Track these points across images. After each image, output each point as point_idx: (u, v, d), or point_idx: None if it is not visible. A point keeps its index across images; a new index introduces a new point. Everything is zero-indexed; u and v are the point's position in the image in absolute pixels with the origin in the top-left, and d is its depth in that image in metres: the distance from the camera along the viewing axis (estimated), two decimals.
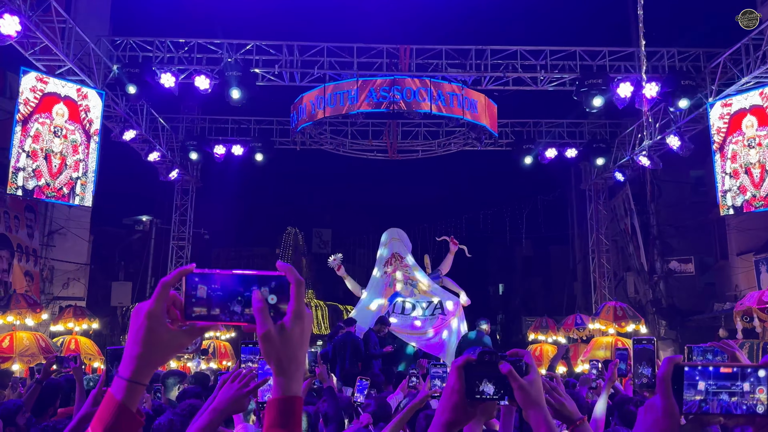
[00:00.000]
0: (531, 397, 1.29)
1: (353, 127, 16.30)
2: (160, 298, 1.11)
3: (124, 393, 1.09)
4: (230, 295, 1.11)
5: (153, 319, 1.10)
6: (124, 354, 1.11)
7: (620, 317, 13.23)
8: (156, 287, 1.11)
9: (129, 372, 1.10)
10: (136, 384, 1.10)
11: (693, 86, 12.48)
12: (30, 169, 11.00)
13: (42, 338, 11.45)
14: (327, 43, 13.42)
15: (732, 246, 18.36)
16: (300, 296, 1.10)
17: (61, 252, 17.09)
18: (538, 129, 16.89)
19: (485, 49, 13.45)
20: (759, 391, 1.12)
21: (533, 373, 1.31)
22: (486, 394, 1.30)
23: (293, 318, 1.09)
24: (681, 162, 15.65)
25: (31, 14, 9.94)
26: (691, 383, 1.13)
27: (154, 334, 1.10)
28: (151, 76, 12.36)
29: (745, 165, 11.92)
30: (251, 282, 1.11)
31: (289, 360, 1.09)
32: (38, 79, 11.11)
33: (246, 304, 1.11)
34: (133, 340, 1.10)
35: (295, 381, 1.10)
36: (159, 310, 1.10)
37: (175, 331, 1.12)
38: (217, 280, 1.12)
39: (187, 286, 1.12)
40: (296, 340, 1.09)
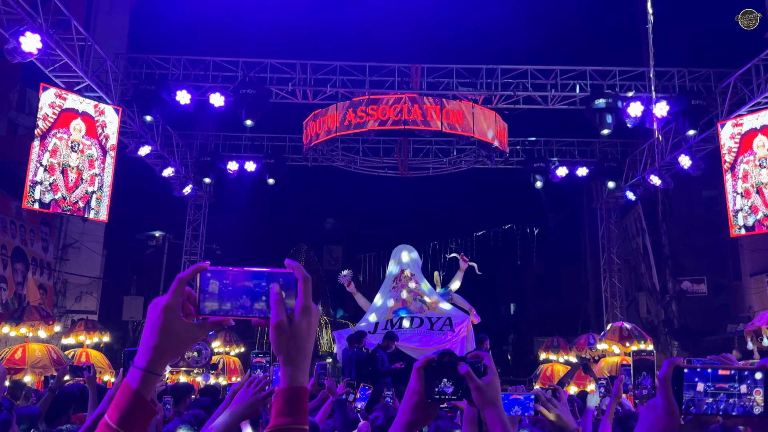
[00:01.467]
0: (487, 397, 1.32)
1: (365, 144, 16.43)
2: (176, 293, 1.17)
3: (140, 382, 1.15)
4: (241, 290, 1.18)
5: (169, 312, 1.16)
6: (140, 345, 1.18)
7: (626, 337, 13.16)
8: (173, 283, 1.18)
9: (145, 362, 1.16)
10: (151, 374, 1.16)
11: (704, 106, 12.50)
12: (47, 183, 11.20)
13: (54, 350, 11.55)
14: (339, 62, 13.62)
15: (745, 266, 18.20)
16: (307, 292, 1.17)
17: (75, 266, 17.28)
18: (549, 147, 16.93)
19: (496, 68, 13.57)
20: (756, 392, 1.17)
21: (491, 374, 1.35)
22: (445, 394, 1.33)
23: (301, 312, 1.16)
24: (694, 182, 15.61)
25: (52, 32, 10.20)
26: (690, 384, 1.18)
27: (169, 327, 1.16)
28: (167, 93, 12.58)
29: (757, 185, 11.88)
30: (261, 278, 1.18)
31: (296, 351, 1.15)
32: (57, 95, 11.36)
33: (255, 300, 1.17)
34: (150, 332, 1.17)
35: (301, 372, 1.16)
36: (175, 304, 1.17)
37: (189, 325, 1.18)
38: (229, 277, 1.18)
39: (201, 283, 1.19)
40: (303, 333, 1.16)
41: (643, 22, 12.80)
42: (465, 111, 12.79)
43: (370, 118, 12.62)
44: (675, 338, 18.75)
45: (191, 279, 1.19)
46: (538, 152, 16.77)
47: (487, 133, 13.07)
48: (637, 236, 19.50)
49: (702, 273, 19.33)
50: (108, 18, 17.79)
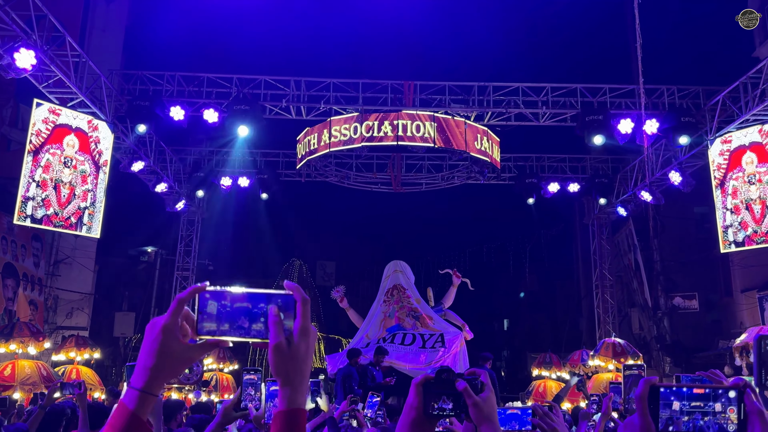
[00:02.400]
0: (484, 413, 1.34)
1: (358, 159, 16.49)
2: (174, 314, 1.17)
3: (137, 403, 1.14)
4: (239, 312, 1.18)
5: (167, 333, 1.16)
6: (137, 365, 1.18)
7: (619, 353, 13.17)
8: (172, 303, 1.18)
9: (141, 383, 1.16)
10: (147, 395, 1.15)
11: (693, 123, 12.65)
12: (39, 198, 11.18)
13: (44, 367, 11.45)
14: (333, 79, 13.71)
15: (736, 282, 18.29)
16: (306, 314, 1.17)
17: (66, 281, 17.17)
18: (541, 163, 17.04)
19: (487, 86, 13.70)
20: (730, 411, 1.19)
21: (487, 391, 1.37)
22: (443, 410, 1.35)
23: (300, 334, 1.16)
24: (685, 198, 15.74)
25: (46, 48, 10.23)
26: (666, 403, 1.20)
27: (167, 348, 1.16)
28: (161, 109, 12.62)
29: (746, 201, 12.00)
30: (260, 300, 1.18)
31: (295, 373, 1.16)
32: (50, 110, 11.38)
33: (253, 321, 1.18)
34: (147, 353, 1.16)
35: (300, 394, 1.17)
36: (173, 324, 1.17)
37: (187, 346, 1.19)
38: (228, 298, 1.19)
39: (199, 303, 1.19)
40: (302, 355, 1.16)
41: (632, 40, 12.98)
42: (458, 127, 12.89)
43: (362, 133, 12.69)
44: (667, 354, 18.77)
45: (190, 300, 1.19)
46: (530, 168, 16.88)
47: (479, 150, 13.17)
48: (629, 252, 19.60)
49: (693, 289, 19.41)
50: (103, 34, 17.87)
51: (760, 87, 11.53)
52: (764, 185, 11.77)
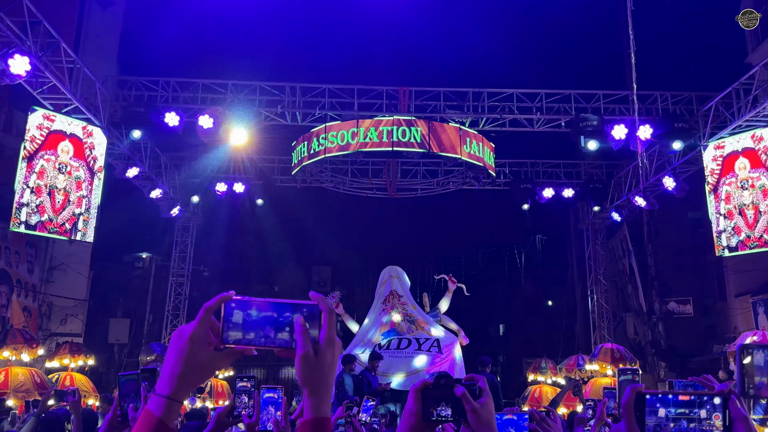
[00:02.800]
0: (482, 419, 1.35)
1: (353, 165, 16.51)
2: (202, 322, 1.19)
3: (164, 410, 1.15)
4: (265, 320, 1.20)
5: (195, 341, 1.17)
6: (163, 373, 1.19)
7: (618, 359, 13.25)
8: (199, 311, 1.20)
9: (169, 390, 1.16)
10: (174, 402, 1.17)
11: (686, 129, 12.73)
12: (33, 204, 11.15)
13: (37, 374, 11.38)
14: (328, 85, 13.74)
15: (730, 287, 18.37)
16: (332, 324, 1.20)
17: (61, 288, 17.10)
18: (536, 169, 17.10)
19: (482, 92, 13.76)
20: (715, 417, 1.21)
21: (485, 396, 1.37)
22: (441, 416, 1.35)
23: (326, 344, 1.18)
24: (679, 203, 15.81)
25: (40, 55, 10.23)
26: (652, 410, 1.22)
27: (195, 356, 1.17)
28: (156, 115, 12.61)
29: (739, 206, 12.07)
30: (285, 309, 1.20)
31: (321, 382, 1.18)
32: (45, 116, 11.36)
33: (279, 330, 1.19)
34: (174, 361, 1.18)
35: (325, 403, 1.19)
36: (201, 333, 1.18)
37: (214, 354, 1.20)
38: (253, 307, 1.21)
39: (225, 312, 1.20)
40: (328, 365, 1.18)
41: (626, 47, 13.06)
42: (452, 133, 12.93)
43: (359, 139, 12.72)
44: (662, 359, 18.81)
45: (217, 308, 1.20)
46: (525, 174, 16.93)
47: (474, 155, 13.21)
48: (624, 257, 19.65)
49: (688, 294, 19.48)
50: (97, 40, 17.86)
51: (752, 93, 11.62)
52: (757, 190, 11.84)
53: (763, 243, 11.71)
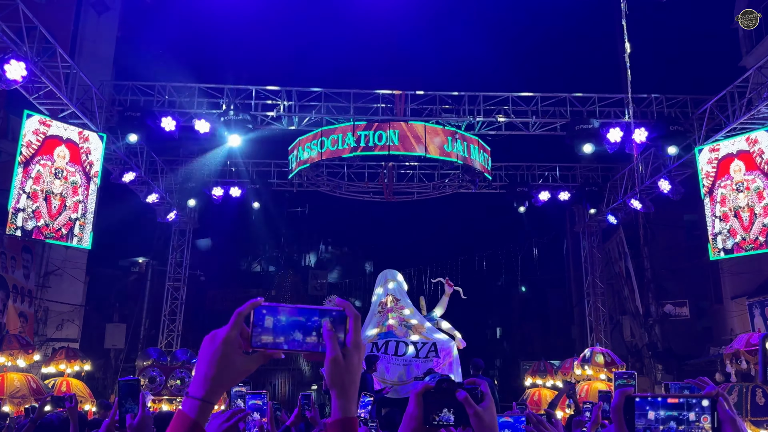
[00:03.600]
0: (485, 423, 1.34)
1: (349, 169, 16.52)
2: (235, 326, 1.23)
3: (198, 412, 1.19)
4: (293, 325, 1.25)
5: (228, 344, 1.22)
6: (196, 376, 1.23)
7: (610, 363, 13.45)
8: (232, 316, 1.24)
9: (202, 392, 1.20)
10: (208, 404, 1.21)
11: (681, 131, 12.79)
12: (30, 209, 11.13)
13: (33, 380, 11.34)
14: (324, 89, 13.76)
15: (726, 290, 18.42)
16: (357, 328, 1.25)
17: (57, 293, 17.05)
18: (532, 172, 17.14)
19: (478, 95, 13.80)
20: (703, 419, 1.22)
21: (488, 400, 1.37)
22: (443, 421, 1.35)
23: (353, 347, 1.23)
24: (675, 206, 15.87)
25: (37, 60, 10.23)
26: (641, 413, 1.23)
27: (228, 359, 1.22)
28: (152, 119, 12.61)
29: (734, 209, 12.12)
30: (313, 314, 1.25)
31: (349, 384, 1.23)
32: (41, 122, 11.35)
33: (307, 334, 1.24)
34: (207, 363, 1.21)
35: (353, 403, 1.24)
36: (234, 336, 1.23)
37: (246, 357, 1.24)
38: (282, 312, 1.25)
39: (254, 318, 1.25)
40: (355, 367, 1.23)
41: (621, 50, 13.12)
42: (449, 136, 12.95)
43: (355, 143, 12.74)
44: (659, 361, 18.84)
45: (248, 314, 1.25)
46: (521, 177, 16.97)
47: (470, 159, 13.23)
48: (620, 260, 19.70)
49: (684, 296, 19.53)
50: (93, 45, 17.86)
51: (747, 96, 11.68)
52: (752, 193, 11.89)
53: (758, 245, 11.76)
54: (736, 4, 17.14)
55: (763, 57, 12.00)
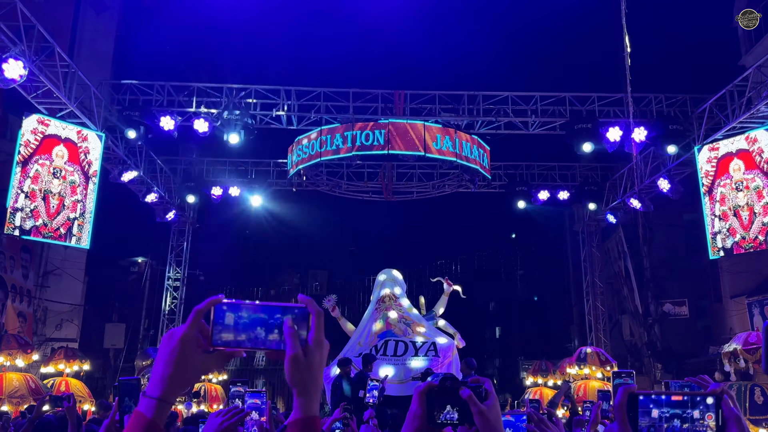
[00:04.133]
0: (489, 422, 1.32)
1: (349, 168, 16.51)
2: (193, 324, 1.20)
3: (154, 411, 1.17)
4: (255, 323, 1.21)
5: (186, 343, 1.19)
6: (153, 375, 1.20)
7: (604, 362, 13.55)
8: (190, 314, 1.21)
9: (159, 391, 1.18)
10: (165, 403, 1.18)
11: (681, 131, 12.78)
12: (28, 209, 11.11)
13: (32, 380, 11.33)
14: (324, 88, 13.75)
15: (725, 289, 18.41)
16: (320, 326, 1.21)
17: (56, 293, 17.03)
18: (531, 171, 17.13)
19: (477, 95, 13.79)
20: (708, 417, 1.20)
21: (492, 398, 1.35)
22: (447, 419, 1.33)
23: (314, 345, 1.20)
24: (674, 205, 15.86)
25: (35, 59, 10.21)
26: (645, 411, 1.21)
27: (186, 358, 1.19)
28: (151, 119, 12.59)
29: (734, 208, 12.11)
30: (275, 311, 1.22)
31: (310, 382, 1.19)
32: (39, 121, 11.33)
33: (269, 332, 1.21)
34: (165, 362, 1.19)
35: (314, 402, 1.21)
36: (192, 335, 1.20)
37: (204, 356, 1.21)
38: (243, 309, 1.22)
39: (215, 315, 1.22)
40: (316, 365, 1.20)
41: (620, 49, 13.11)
42: (448, 135, 12.94)
43: (354, 143, 12.73)
44: (658, 360, 18.84)
45: (207, 311, 1.22)
46: (521, 176, 16.96)
47: (469, 158, 13.22)
48: (619, 259, 19.70)
49: (683, 295, 19.53)
50: (92, 44, 17.83)
51: (746, 95, 11.68)
52: (752, 192, 11.88)
53: (758, 244, 11.75)
54: (736, 4, 17.14)
55: (762, 56, 12.00)
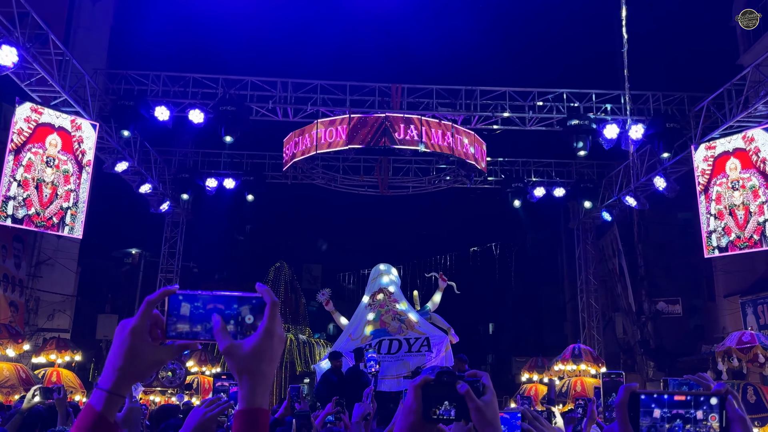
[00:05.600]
0: (486, 418, 1.29)
1: (345, 162, 16.46)
2: (143, 315, 1.17)
3: (104, 404, 1.14)
4: (211, 313, 1.18)
5: (136, 335, 1.16)
6: (106, 366, 1.16)
7: (596, 358, 13.67)
8: (141, 305, 1.17)
9: (109, 384, 1.15)
10: (115, 395, 1.15)
11: (678, 129, 12.77)
12: (20, 198, 11.01)
13: (23, 369, 11.26)
14: (320, 81, 13.67)
15: (719, 288, 18.47)
16: (273, 316, 1.17)
17: (48, 283, 16.93)
18: (527, 168, 17.12)
19: (475, 90, 13.74)
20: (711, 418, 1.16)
21: (489, 394, 1.32)
22: (443, 414, 1.30)
23: (264, 334, 1.15)
24: (669, 204, 15.88)
25: (29, 46, 10.10)
26: (646, 410, 1.17)
27: (136, 350, 1.16)
28: (146, 109, 12.49)
29: (730, 206, 12.12)
30: (232, 302, 1.19)
31: (253, 373, 1.14)
32: (33, 109, 11.21)
33: (225, 322, 1.17)
34: (116, 354, 1.16)
35: (259, 394, 1.15)
36: (142, 326, 1.16)
37: (156, 348, 1.18)
38: (200, 300, 1.19)
39: (169, 306, 1.18)
40: (262, 356, 1.15)
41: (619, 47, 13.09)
42: (445, 131, 12.89)
43: (351, 136, 12.67)
44: (650, 358, 18.90)
45: (159, 302, 1.19)
46: (516, 172, 16.94)
47: (466, 153, 13.19)
48: (614, 257, 19.71)
49: (677, 294, 19.57)
50: (87, 33, 17.68)
51: (744, 94, 11.67)
52: (748, 191, 11.89)
53: (753, 244, 11.76)
54: (735, 3, 17.13)
55: (760, 55, 11.99)
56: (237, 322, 1.17)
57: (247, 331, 1.17)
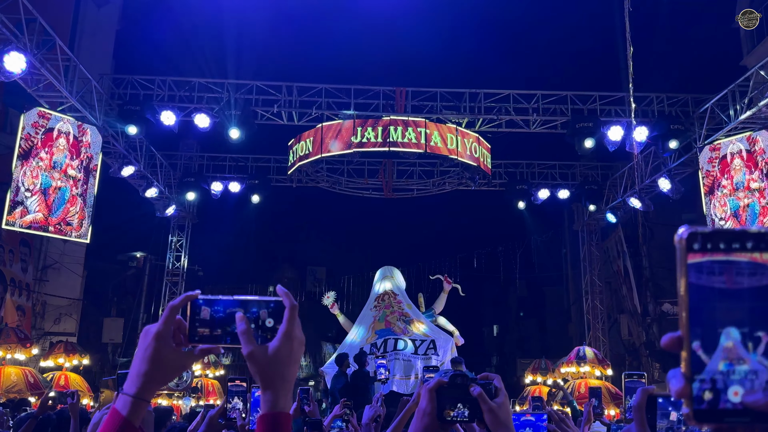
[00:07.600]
0: (500, 420, 1.32)
1: (349, 165, 16.49)
2: (168, 321, 1.19)
3: (130, 409, 1.16)
4: (232, 317, 1.19)
5: (161, 339, 1.18)
6: (130, 372, 1.19)
7: (601, 360, 13.62)
8: (164, 310, 1.20)
9: (135, 389, 1.17)
10: (140, 400, 1.17)
11: (682, 130, 12.77)
12: (28, 203, 11.08)
13: (31, 374, 11.32)
14: (325, 85, 13.72)
15: None
16: (292, 319, 1.18)
17: (55, 287, 17.02)
18: (531, 170, 17.12)
19: (479, 93, 13.76)
20: None
21: (502, 396, 1.34)
22: (457, 416, 1.33)
23: (283, 337, 1.16)
24: (674, 205, 15.85)
25: (36, 52, 10.17)
26: (663, 413, 1.20)
27: (160, 354, 1.18)
28: (152, 113, 12.56)
29: (734, 208, 12.11)
30: (251, 305, 1.20)
31: (274, 377, 1.16)
32: (40, 114, 11.30)
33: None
34: (141, 359, 1.18)
35: (281, 397, 1.16)
36: (166, 331, 1.19)
37: (180, 352, 1.20)
38: (220, 304, 1.21)
39: (191, 311, 1.21)
40: (284, 360, 1.16)
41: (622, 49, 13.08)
42: (449, 133, 12.92)
43: (355, 139, 12.71)
44: (656, 360, 18.87)
45: (182, 307, 1.21)
46: (521, 175, 16.95)
47: (470, 156, 13.21)
48: (618, 258, 19.70)
49: None
50: (93, 38, 17.79)
51: (748, 95, 11.66)
52: (752, 192, 11.88)
53: None
54: (738, 4, 17.12)
55: (764, 57, 11.97)
56: (257, 326, 1.19)
57: (267, 334, 1.18)
